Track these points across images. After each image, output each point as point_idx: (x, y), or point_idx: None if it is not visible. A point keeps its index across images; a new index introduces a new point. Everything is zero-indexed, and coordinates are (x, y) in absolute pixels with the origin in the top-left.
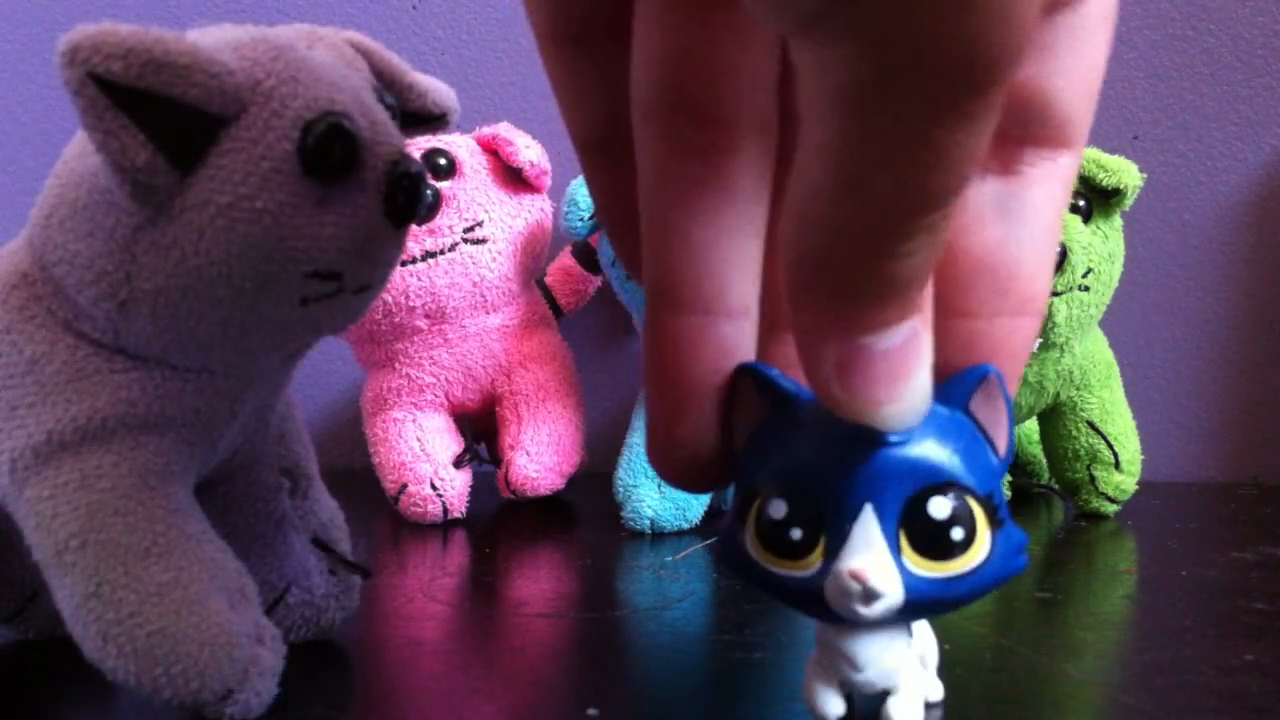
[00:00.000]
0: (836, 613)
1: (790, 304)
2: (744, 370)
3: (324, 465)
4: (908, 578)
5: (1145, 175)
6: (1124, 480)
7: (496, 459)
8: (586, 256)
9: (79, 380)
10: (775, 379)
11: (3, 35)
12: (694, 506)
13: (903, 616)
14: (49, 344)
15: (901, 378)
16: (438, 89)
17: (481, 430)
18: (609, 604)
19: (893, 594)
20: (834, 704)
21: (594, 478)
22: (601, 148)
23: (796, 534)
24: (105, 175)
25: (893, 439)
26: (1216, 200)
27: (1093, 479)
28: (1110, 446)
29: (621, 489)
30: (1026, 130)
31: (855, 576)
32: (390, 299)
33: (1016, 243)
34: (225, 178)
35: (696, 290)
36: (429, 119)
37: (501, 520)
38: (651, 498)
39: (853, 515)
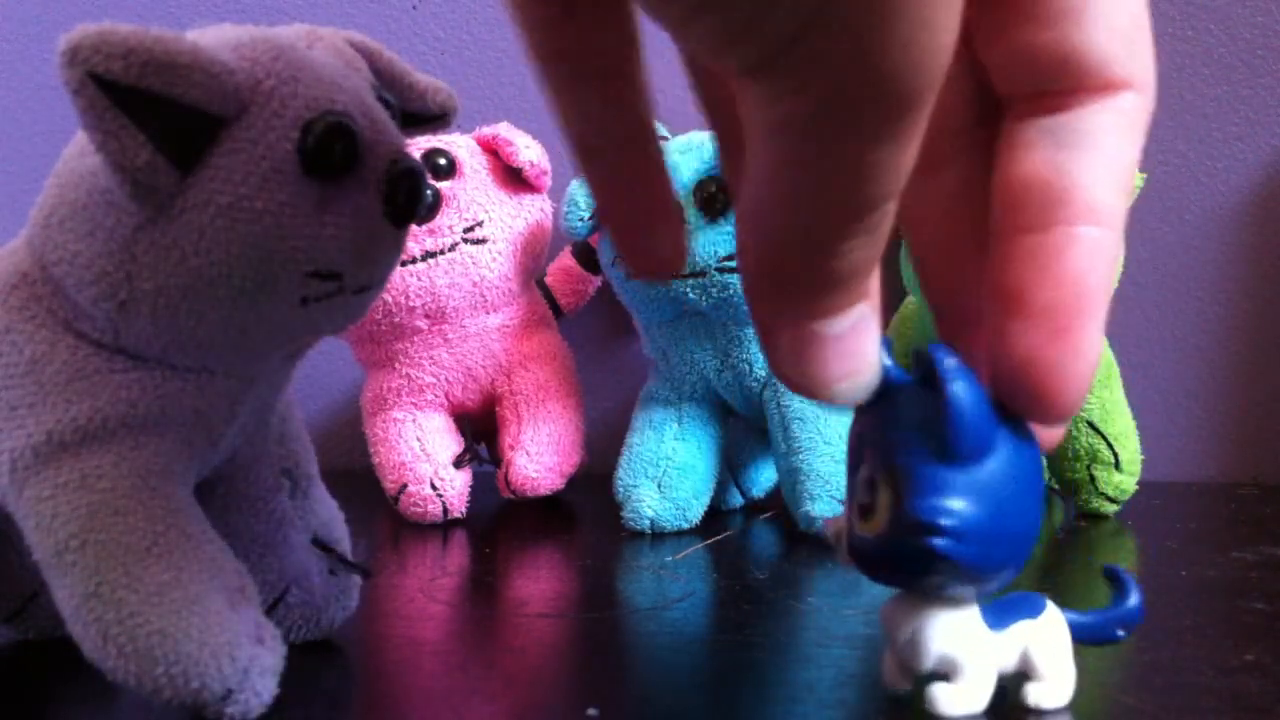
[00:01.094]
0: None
1: (748, 299)
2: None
3: (324, 465)
4: (853, 535)
5: (1145, 175)
6: (1124, 480)
7: (496, 459)
8: (586, 256)
9: (79, 380)
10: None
11: (3, 35)
12: (694, 506)
13: (863, 572)
14: (49, 344)
15: (851, 357)
16: (438, 89)
17: (481, 430)
18: (609, 604)
19: (841, 546)
20: (900, 680)
21: (594, 478)
22: (598, 152)
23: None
24: (105, 175)
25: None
26: (1216, 200)
27: (1093, 479)
28: (1110, 446)
29: (621, 489)
30: (1068, 85)
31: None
32: (390, 299)
33: (1070, 160)
34: (225, 178)
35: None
36: (429, 119)
37: (501, 520)
38: (651, 498)
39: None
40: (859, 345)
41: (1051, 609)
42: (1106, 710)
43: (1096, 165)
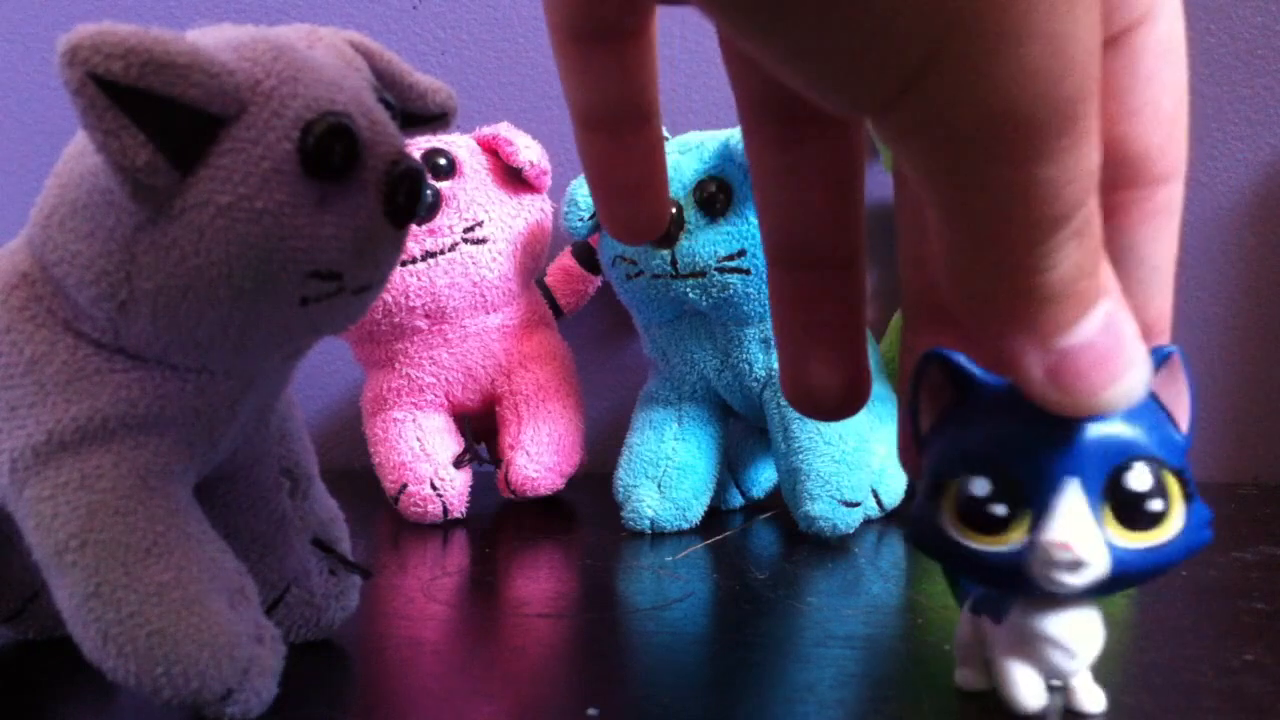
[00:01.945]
0: (1038, 586)
1: (987, 338)
2: (931, 357)
3: (324, 465)
4: (1112, 548)
5: None
6: None
7: (496, 459)
8: (586, 256)
9: (79, 380)
10: (964, 365)
11: (3, 35)
12: (694, 506)
13: (1105, 588)
14: (49, 344)
15: (1110, 360)
16: (438, 89)
17: (481, 430)
18: (609, 604)
19: (1098, 563)
20: (1035, 692)
21: (594, 478)
22: (599, 126)
23: (1000, 510)
24: (105, 175)
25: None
26: (1216, 200)
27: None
28: None
29: (621, 489)
30: (1111, 177)
31: (1063, 546)
32: (390, 299)
33: (1129, 284)
34: (225, 178)
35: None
36: (429, 119)
37: (501, 520)
38: (651, 498)
39: (1056, 489)
40: (1116, 343)
41: None
42: (1106, 710)
43: (1148, 284)
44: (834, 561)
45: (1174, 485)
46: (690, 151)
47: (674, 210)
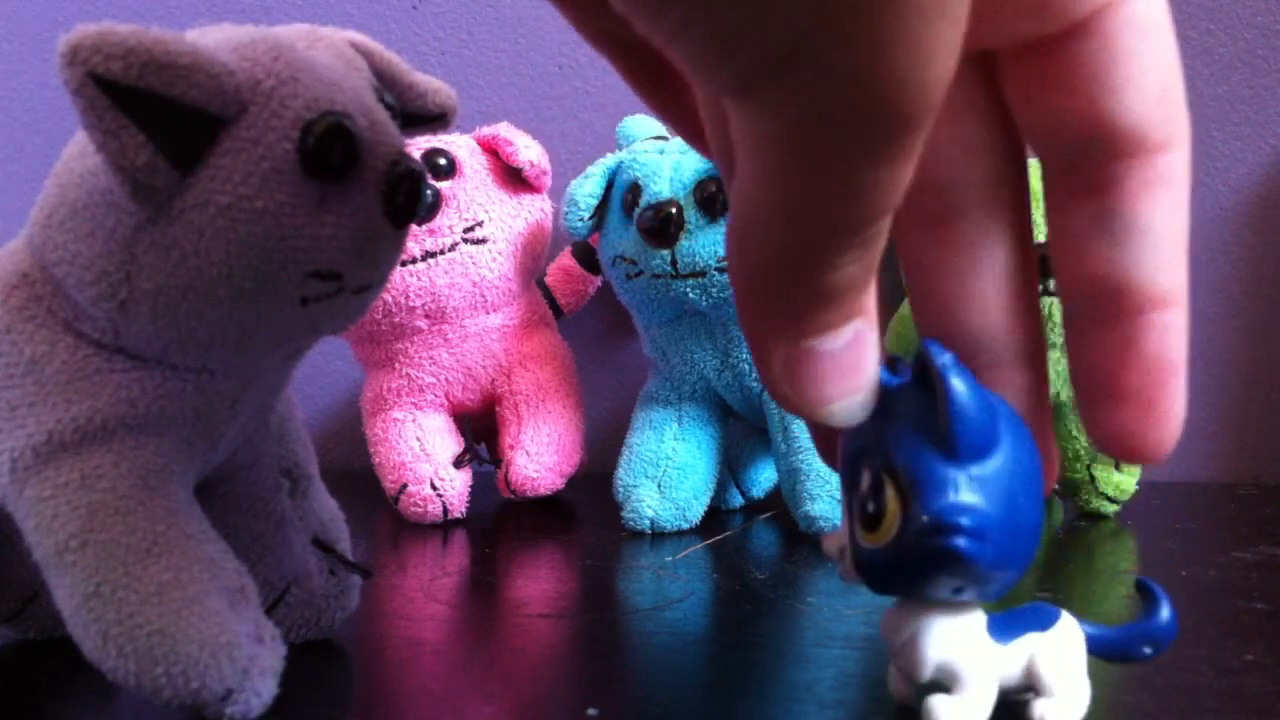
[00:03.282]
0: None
1: (740, 315)
2: None
3: (324, 465)
4: (857, 547)
5: None
6: (1124, 480)
7: (496, 459)
8: (586, 256)
9: (79, 380)
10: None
11: (3, 35)
12: (694, 506)
13: (870, 585)
14: (49, 344)
15: (848, 375)
16: (438, 89)
17: (481, 430)
18: (609, 604)
19: (843, 562)
20: (905, 691)
21: (594, 478)
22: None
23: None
24: (105, 175)
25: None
26: (1216, 200)
27: (1093, 479)
28: None
29: (621, 489)
30: (1103, 151)
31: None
32: (390, 299)
33: (1126, 255)
34: (225, 178)
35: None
36: (429, 119)
37: (501, 520)
38: (651, 498)
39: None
40: (856, 362)
41: (1066, 621)
42: (1106, 710)
43: (1153, 253)
44: (834, 561)
45: (890, 487)
46: (690, 151)
47: (674, 210)
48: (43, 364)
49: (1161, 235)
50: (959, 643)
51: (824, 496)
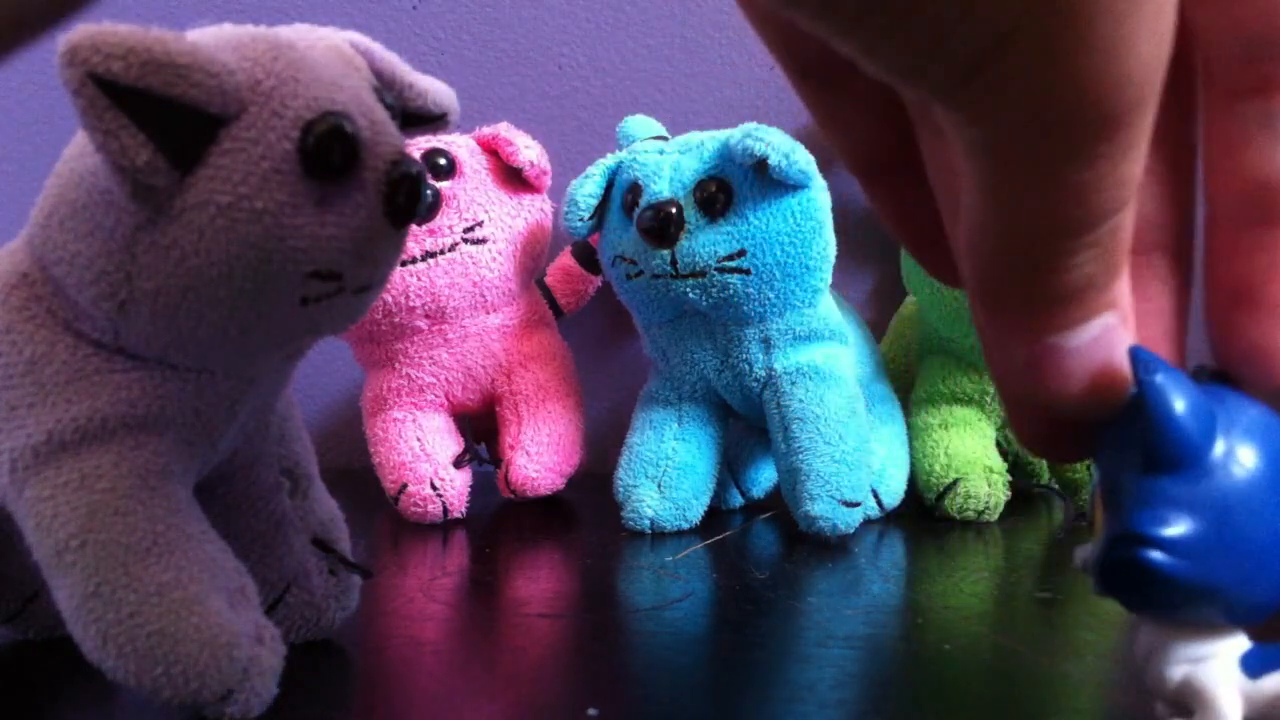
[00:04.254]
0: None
1: (978, 321)
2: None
3: (324, 465)
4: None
5: None
6: None
7: (496, 459)
8: (586, 256)
9: (79, 380)
10: (1142, 360)
11: None
12: (694, 506)
13: (1094, 589)
14: (49, 344)
15: (1096, 369)
16: (438, 89)
17: (481, 430)
18: (609, 604)
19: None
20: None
21: (594, 478)
22: (879, 170)
23: None
24: (105, 175)
25: None
26: None
27: (1093, 478)
28: None
29: (621, 489)
30: (1272, 62)
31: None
32: (390, 299)
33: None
34: (225, 178)
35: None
36: (429, 119)
37: (501, 520)
38: (651, 498)
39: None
40: (1104, 356)
41: None
42: (1106, 710)
43: None
44: (834, 561)
45: (1100, 496)
46: (690, 151)
47: (674, 210)
48: (42, 364)
49: None
50: (1199, 667)
51: (824, 496)
